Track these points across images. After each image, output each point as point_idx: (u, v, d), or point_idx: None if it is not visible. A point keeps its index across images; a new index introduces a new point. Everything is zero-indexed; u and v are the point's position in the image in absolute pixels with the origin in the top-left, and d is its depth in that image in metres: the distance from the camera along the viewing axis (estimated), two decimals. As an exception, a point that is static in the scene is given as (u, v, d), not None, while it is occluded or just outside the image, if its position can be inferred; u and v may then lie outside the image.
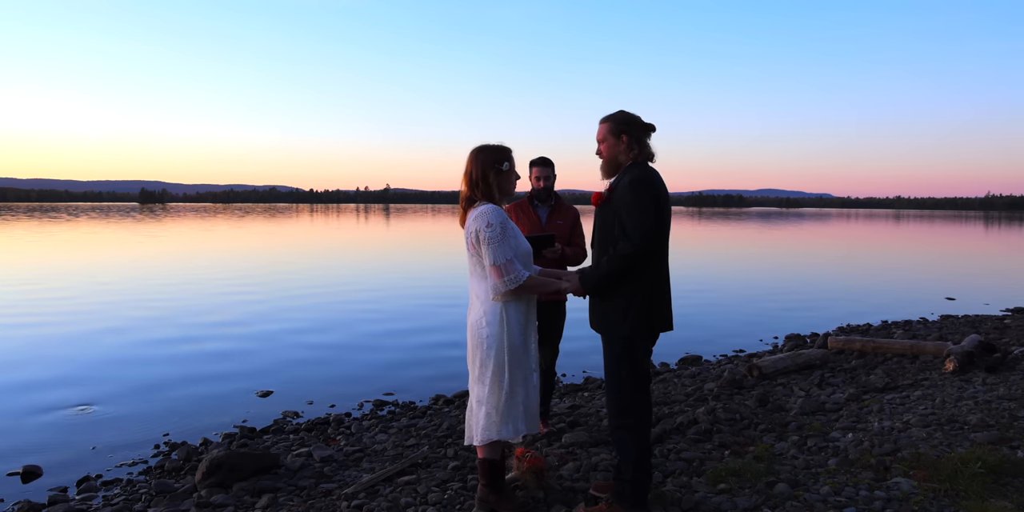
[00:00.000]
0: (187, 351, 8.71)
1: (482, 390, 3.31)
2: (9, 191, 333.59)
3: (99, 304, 12.28)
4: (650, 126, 3.34)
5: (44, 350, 8.68)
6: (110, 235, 35.16)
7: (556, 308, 4.75)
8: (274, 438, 5.52)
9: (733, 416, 5.23)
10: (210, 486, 4.25)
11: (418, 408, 6.36)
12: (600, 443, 4.61)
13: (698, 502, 3.47)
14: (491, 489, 3.44)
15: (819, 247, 32.17)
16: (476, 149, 3.36)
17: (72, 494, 4.58)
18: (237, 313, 11.59)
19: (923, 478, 3.66)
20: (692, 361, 8.25)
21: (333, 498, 3.93)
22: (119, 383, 7.20)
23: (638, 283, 3.19)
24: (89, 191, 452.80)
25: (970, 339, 7.20)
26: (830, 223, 75.61)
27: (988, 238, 43.40)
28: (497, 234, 3.20)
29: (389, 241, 33.93)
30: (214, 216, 73.77)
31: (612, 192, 3.29)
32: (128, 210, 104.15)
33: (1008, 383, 5.82)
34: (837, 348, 7.95)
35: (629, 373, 3.26)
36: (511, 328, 3.28)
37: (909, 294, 14.67)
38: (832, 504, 3.43)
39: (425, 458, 4.54)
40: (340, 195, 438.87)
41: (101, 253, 24.04)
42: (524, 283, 3.22)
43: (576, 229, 4.86)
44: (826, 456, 4.17)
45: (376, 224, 56.89)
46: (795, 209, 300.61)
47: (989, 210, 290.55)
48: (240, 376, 7.52)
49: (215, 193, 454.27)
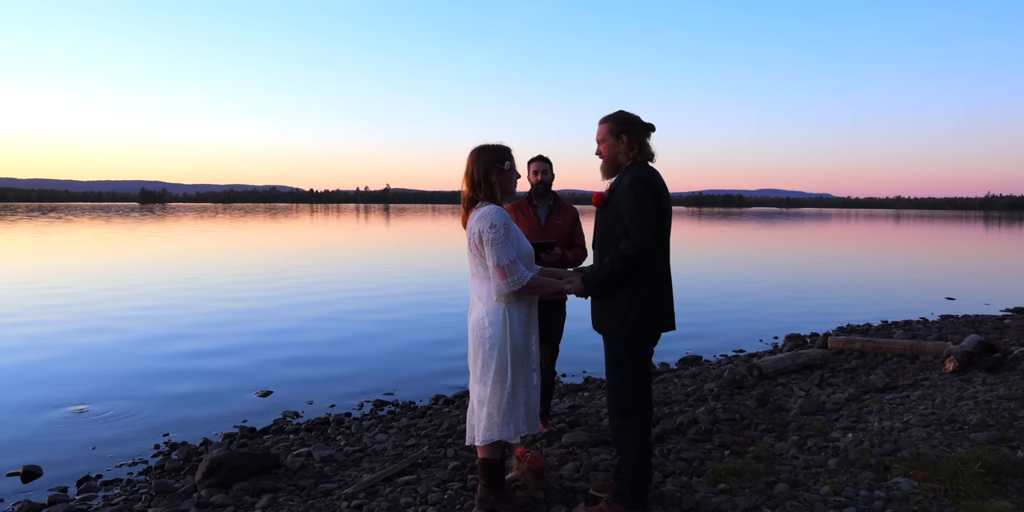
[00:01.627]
0: (187, 351, 8.71)
1: (483, 390, 3.31)
2: (9, 191, 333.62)
3: (99, 304, 12.28)
4: (650, 126, 3.34)
5: (44, 350, 8.68)
6: (110, 235, 35.15)
7: (556, 308, 4.74)
8: (274, 438, 5.52)
9: (733, 416, 5.23)
10: (210, 486, 4.25)
11: (418, 408, 6.36)
12: (600, 443, 4.61)
13: (698, 502, 3.47)
14: (491, 489, 3.44)
15: (819, 247, 32.17)
16: (477, 149, 3.36)
17: (72, 494, 4.58)
18: (237, 313, 11.59)
19: (923, 478, 3.66)
20: (692, 361, 8.25)
21: (333, 498, 3.93)
22: (119, 383, 7.20)
23: (639, 283, 3.19)
24: (89, 191, 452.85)
25: (970, 339, 7.20)
26: (830, 223, 75.61)
27: (988, 238, 43.40)
28: (500, 235, 3.20)
29: (389, 241, 33.92)
30: (215, 216, 73.78)
31: (612, 192, 3.29)
32: (128, 210, 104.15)
33: (1008, 383, 5.82)
34: (837, 348, 7.95)
35: (630, 373, 3.26)
36: (513, 329, 3.28)
37: (909, 294, 14.67)
38: (832, 504, 3.43)
39: (425, 458, 4.54)
40: (340, 195, 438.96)
41: (101, 253, 24.04)
42: (527, 284, 3.23)
43: (576, 229, 4.86)
44: (826, 456, 4.17)
45: (376, 224, 56.89)
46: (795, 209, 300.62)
47: (989, 210, 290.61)
48: (240, 376, 7.53)
49: (215, 193, 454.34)
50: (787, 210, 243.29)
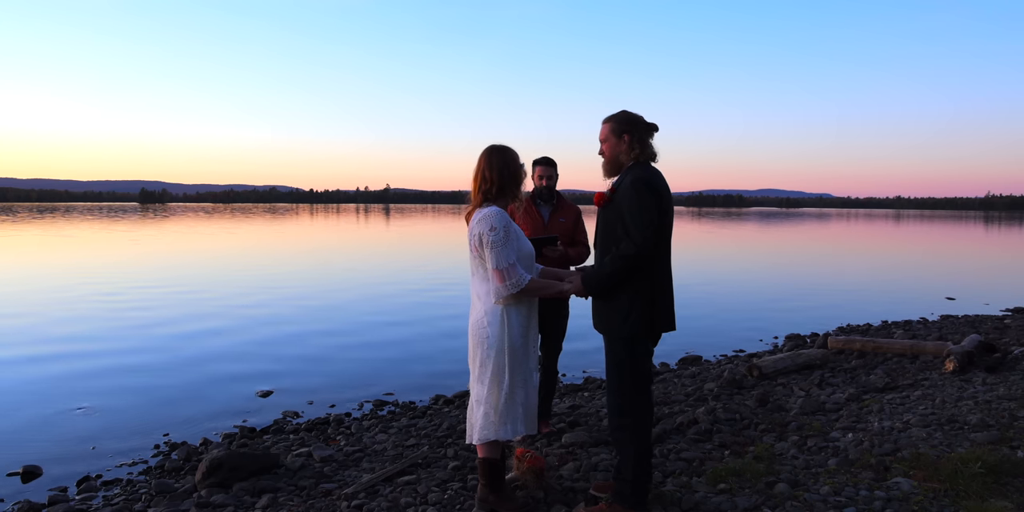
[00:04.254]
0: (187, 351, 8.71)
1: (481, 390, 3.32)
2: (9, 191, 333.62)
3: (99, 304, 12.27)
4: (652, 126, 3.34)
5: (43, 350, 8.68)
6: (110, 235, 35.14)
7: (559, 306, 4.75)
8: (274, 438, 5.52)
9: (733, 416, 5.23)
10: (210, 486, 4.25)
11: (418, 408, 6.36)
12: (600, 443, 4.61)
13: (698, 502, 3.47)
14: (491, 489, 3.44)
15: (819, 247, 32.16)
16: (488, 150, 3.36)
17: (72, 494, 4.58)
18: (237, 313, 11.58)
19: (923, 478, 3.66)
20: (692, 361, 8.25)
21: (333, 498, 3.93)
22: (119, 383, 7.20)
23: (640, 283, 3.19)
24: (89, 191, 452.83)
25: (970, 339, 7.20)
26: (830, 223, 75.59)
27: (988, 238, 43.39)
28: (500, 238, 3.20)
29: (389, 241, 33.91)
30: (215, 216, 73.76)
31: (614, 192, 3.29)
32: (129, 210, 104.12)
33: (1008, 383, 5.82)
34: (837, 348, 7.95)
35: (630, 373, 3.26)
36: (512, 329, 3.28)
37: (909, 294, 14.66)
38: (832, 504, 3.43)
39: (425, 458, 4.54)
40: (340, 195, 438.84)
41: (101, 253, 24.03)
42: (526, 287, 3.23)
43: (579, 227, 4.87)
44: (826, 456, 4.17)
45: (376, 224, 56.88)
46: (795, 209, 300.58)
47: (989, 210, 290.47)
48: (240, 376, 7.53)
49: (215, 193, 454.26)
50: (787, 210, 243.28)
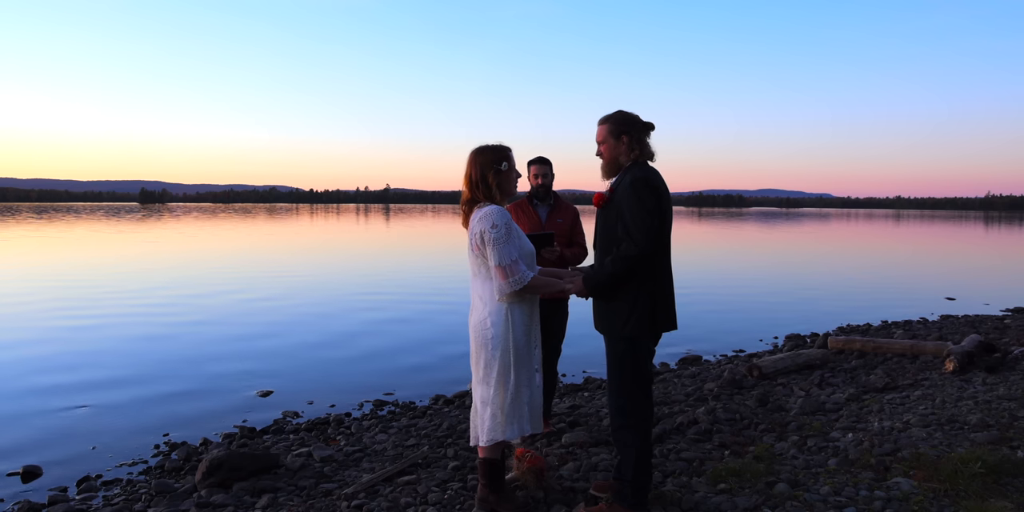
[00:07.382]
0: (187, 351, 8.71)
1: (487, 391, 3.31)
2: (9, 191, 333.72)
3: (99, 304, 12.27)
4: (649, 125, 3.34)
5: (44, 350, 8.68)
6: (110, 235, 35.14)
7: (559, 307, 4.75)
8: (274, 438, 5.53)
9: (733, 416, 5.23)
10: (210, 486, 4.25)
11: (418, 408, 6.36)
12: (600, 443, 4.61)
13: (698, 502, 3.47)
14: (491, 489, 3.44)
15: (819, 247, 32.16)
16: (475, 150, 3.36)
17: (72, 494, 4.58)
18: (237, 313, 11.59)
19: (923, 478, 3.66)
20: (692, 361, 8.25)
21: (333, 498, 3.93)
22: (119, 383, 7.20)
23: (641, 283, 3.19)
24: (89, 191, 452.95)
25: (970, 339, 7.20)
26: (830, 223, 75.58)
27: (988, 238, 43.38)
28: (502, 235, 3.20)
29: (389, 241, 33.91)
30: (215, 216, 73.76)
31: (613, 193, 3.29)
32: (129, 210, 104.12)
33: (1008, 383, 5.82)
34: (837, 348, 7.95)
35: (631, 373, 3.26)
36: (515, 329, 3.28)
37: (909, 294, 14.67)
38: (832, 504, 3.43)
39: (425, 458, 4.54)
40: (340, 195, 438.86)
41: (101, 253, 24.03)
42: (529, 283, 3.23)
43: (576, 227, 4.86)
44: (826, 456, 4.17)
45: (376, 224, 56.88)
46: (795, 209, 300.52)
47: (989, 210, 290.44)
48: (240, 376, 7.53)
49: (215, 193, 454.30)
50: (787, 210, 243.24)
